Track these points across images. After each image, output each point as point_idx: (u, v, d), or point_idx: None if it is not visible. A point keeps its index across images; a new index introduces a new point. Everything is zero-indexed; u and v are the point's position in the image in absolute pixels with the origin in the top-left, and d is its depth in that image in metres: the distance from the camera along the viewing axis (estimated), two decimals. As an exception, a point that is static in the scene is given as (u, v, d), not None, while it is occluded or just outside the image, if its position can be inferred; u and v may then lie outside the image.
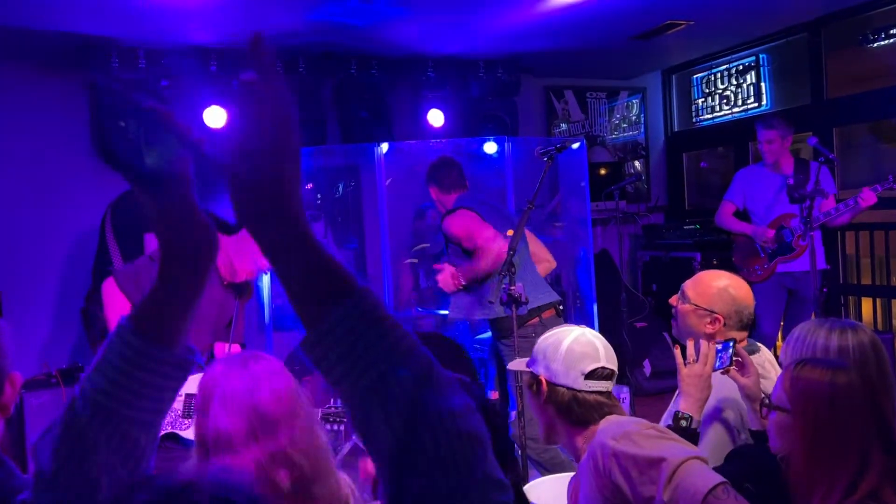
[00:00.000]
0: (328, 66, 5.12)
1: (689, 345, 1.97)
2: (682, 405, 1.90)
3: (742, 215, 4.75)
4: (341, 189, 5.72)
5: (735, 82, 6.04)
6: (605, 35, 5.06)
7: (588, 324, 4.77)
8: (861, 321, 4.69)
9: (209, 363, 2.48)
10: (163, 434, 3.94)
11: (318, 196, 5.58)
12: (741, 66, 5.96)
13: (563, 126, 6.42)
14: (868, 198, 4.03)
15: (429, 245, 5.03)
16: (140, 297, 1.29)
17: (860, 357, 1.77)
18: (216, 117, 4.76)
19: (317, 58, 5.03)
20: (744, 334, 2.18)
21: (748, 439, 2.08)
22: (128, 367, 0.75)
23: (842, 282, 5.20)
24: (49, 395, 4.07)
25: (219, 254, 2.80)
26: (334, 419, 2.51)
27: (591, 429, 1.72)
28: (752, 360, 2.04)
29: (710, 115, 6.36)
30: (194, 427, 1.58)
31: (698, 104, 6.46)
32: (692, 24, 4.94)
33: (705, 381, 1.91)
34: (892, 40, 4.73)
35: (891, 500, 1.42)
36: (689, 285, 2.26)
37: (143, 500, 0.64)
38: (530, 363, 1.86)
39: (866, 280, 5.14)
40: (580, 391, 1.72)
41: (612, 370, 1.76)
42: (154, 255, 2.53)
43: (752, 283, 4.38)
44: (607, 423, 1.70)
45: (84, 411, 0.75)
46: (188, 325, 0.78)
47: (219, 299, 2.88)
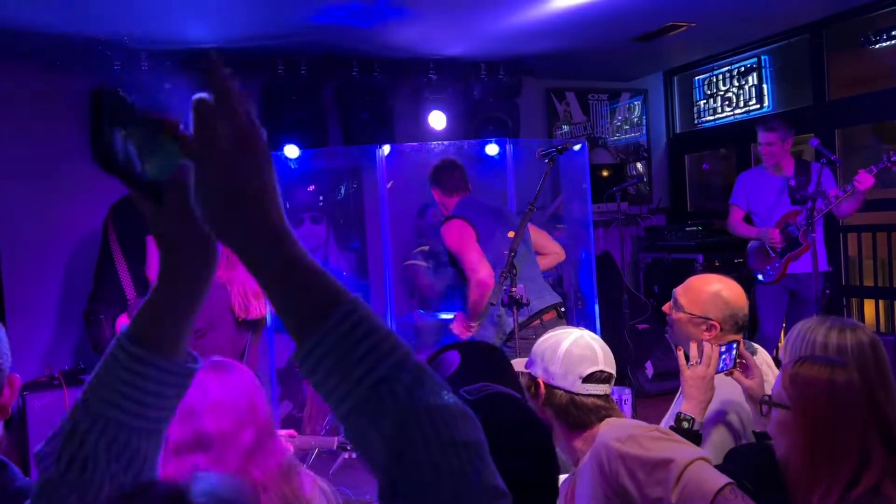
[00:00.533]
0: (330, 68, 5.13)
1: (693, 346, 1.96)
2: (685, 407, 1.89)
3: (746, 218, 4.75)
4: (343, 191, 5.72)
5: (737, 84, 6.04)
6: (607, 36, 5.06)
7: (590, 325, 4.76)
8: (863, 323, 4.69)
9: None
10: None
11: (320, 198, 5.58)
12: (743, 68, 5.96)
13: (565, 128, 6.42)
14: (864, 180, 3.98)
15: (429, 247, 5.03)
16: None
17: (859, 356, 1.77)
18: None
19: (318, 59, 5.04)
20: (740, 336, 2.16)
21: (751, 441, 2.08)
22: (128, 376, 0.74)
23: (844, 283, 5.19)
24: (51, 396, 4.07)
25: (234, 290, 2.77)
26: (351, 447, 2.44)
27: (589, 431, 1.72)
28: None
29: (711, 117, 6.35)
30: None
31: (700, 106, 6.46)
32: (694, 25, 4.94)
33: (708, 383, 1.91)
34: (893, 42, 4.73)
35: (892, 494, 1.42)
36: (680, 293, 2.22)
37: None
38: (528, 364, 1.84)
39: (869, 282, 5.13)
40: (578, 394, 1.72)
41: (610, 373, 1.76)
42: None
43: (767, 285, 4.40)
44: (609, 425, 1.70)
45: (85, 419, 0.75)
46: (189, 332, 0.78)
47: (231, 335, 2.90)
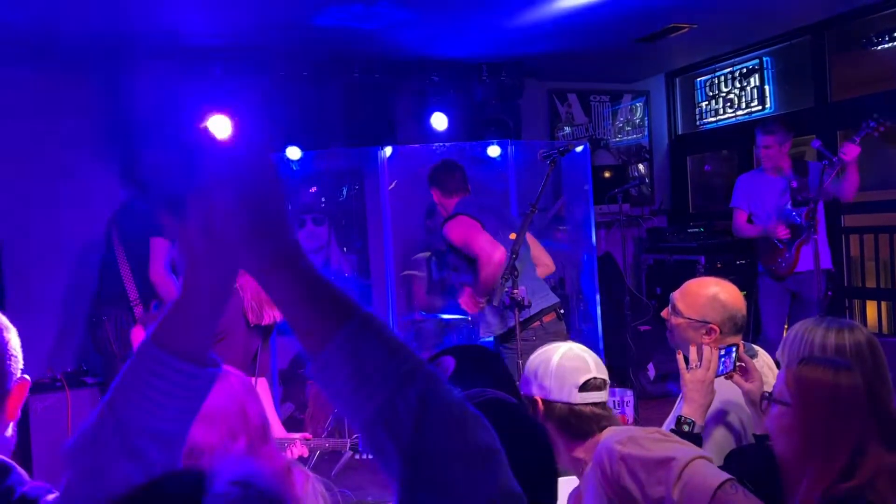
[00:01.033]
0: (332, 70, 5.14)
1: (692, 350, 1.97)
2: (685, 410, 1.90)
3: (748, 220, 4.73)
4: (345, 192, 5.73)
5: (739, 85, 6.04)
6: (609, 38, 5.07)
7: (592, 327, 4.77)
8: (866, 325, 4.68)
9: None
10: None
11: (322, 199, 5.59)
12: (745, 69, 5.96)
13: (567, 129, 6.42)
14: (849, 150, 4.00)
15: (430, 254, 5.03)
16: None
17: (857, 356, 1.77)
18: (220, 126, 4.78)
19: (321, 62, 5.05)
20: (739, 338, 2.16)
21: (752, 443, 2.08)
22: (153, 380, 0.75)
23: (846, 285, 5.18)
24: (54, 398, 4.07)
25: (247, 296, 2.77)
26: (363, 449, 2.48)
27: (591, 441, 1.73)
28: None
29: (713, 119, 6.35)
30: None
31: (702, 107, 6.46)
32: (695, 27, 4.94)
33: (708, 386, 1.91)
34: (895, 43, 4.73)
35: (885, 491, 1.43)
36: (678, 297, 2.22)
37: (170, 491, 0.64)
38: (522, 387, 1.84)
39: (871, 283, 5.12)
40: (576, 404, 1.73)
41: (603, 380, 1.78)
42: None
43: (782, 278, 4.37)
44: (610, 431, 1.72)
45: (108, 422, 0.76)
46: (211, 339, 0.79)
47: (244, 340, 2.92)
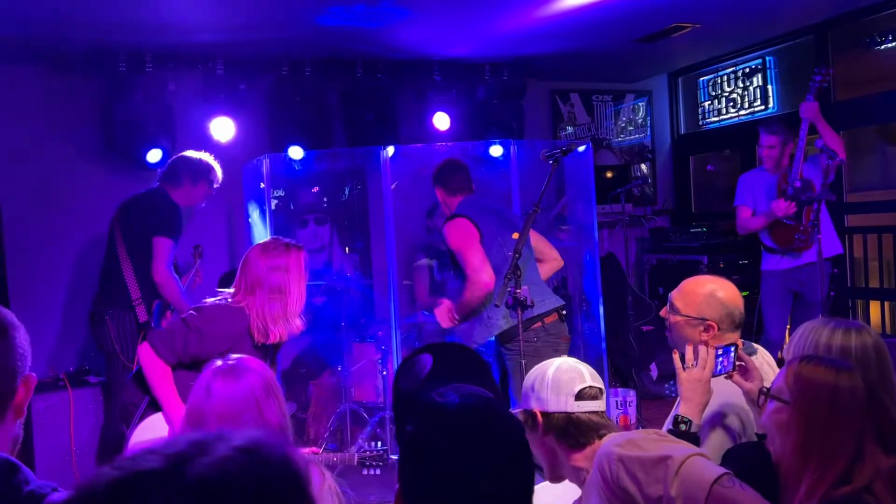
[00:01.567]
0: (334, 70, 5.14)
1: (688, 349, 1.97)
2: (682, 409, 1.90)
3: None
4: (347, 192, 5.73)
5: (741, 85, 6.03)
6: (611, 38, 5.06)
7: (594, 327, 4.76)
8: (869, 325, 4.66)
9: None
10: None
11: (325, 199, 5.59)
12: (748, 69, 5.95)
13: (569, 129, 6.41)
14: (807, 109, 4.25)
15: (431, 262, 5.03)
16: (175, 359, 1.52)
17: (862, 358, 1.76)
18: (223, 128, 4.78)
19: (323, 61, 5.05)
20: (737, 335, 2.17)
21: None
22: None
23: (850, 285, 5.17)
24: (56, 397, 4.08)
25: (252, 315, 2.77)
26: (370, 463, 2.61)
27: (590, 448, 1.75)
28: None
29: (716, 118, 6.34)
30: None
31: (704, 107, 6.45)
32: (698, 26, 4.93)
33: (704, 386, 1.91)
34: (899, 43, 4.72)
35: (884, 495, 1.42)
36: (675, 296, 2.24)
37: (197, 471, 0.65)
38: (522, 403, 1.88)
39: (874, 283, 5.11)
40: (574, 413, 1.76)
41: (599, 388, 1.80)
42: (188, 319, 2.59)
43: (800, 251, 4.33)
44: (610, 437, 1.74)
45: None
46: None
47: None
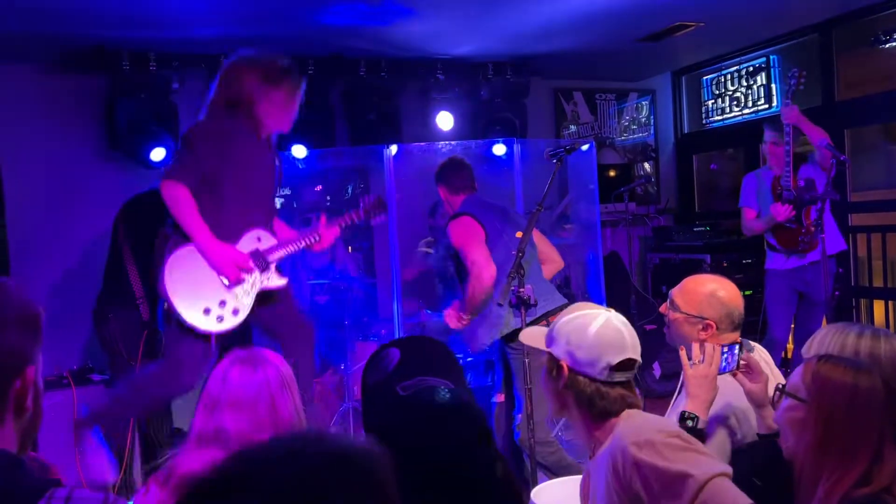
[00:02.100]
0: (337, 69, 5.14)
1: (695, 346, 1.97)
2: (689, 405, 1.90)
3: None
4: (350, 191, 5.73)
5: (745, 84, 6.01)
6: (615, 36, 5.05)
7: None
8: (873, 324, 4.65)
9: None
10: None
11: (328, 198, 5.59)
12: (751, 68, 5.94)
13: (573, 128, 6.41)
14: (789, 113, 4.26)
15: (434, 240, 5.02)
16: (194, 175, 2.88)
17: (892, 363, 1.75)
18: None
19: (326, 60, 5.05)
20: (736, 335, 2.17)
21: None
22: None
23: (853, 284, 5.16)
24: (60, 395, 4.08)
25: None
26: (375, 213, 3.33)
27: (610, 421, 1.66)
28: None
29: (720, 117, 6.33)
30: (197, 422, 1.74)
31: (708, 106, 6.44)
32: (702, 25, 4.92)
33: (711, 382, 1.92)
34: (904, 41, 4.71)
35: None
36: (676, 293, 2.24)
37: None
38: (550, 343, 1.74)
39: (878, 282, 5.10)
40: (605, 383, 1.64)
41: (636, 360, 1.69)
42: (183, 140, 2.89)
43: (804, 253, 4.33)
44: (628, 422, 1.63)
45: None
46: None
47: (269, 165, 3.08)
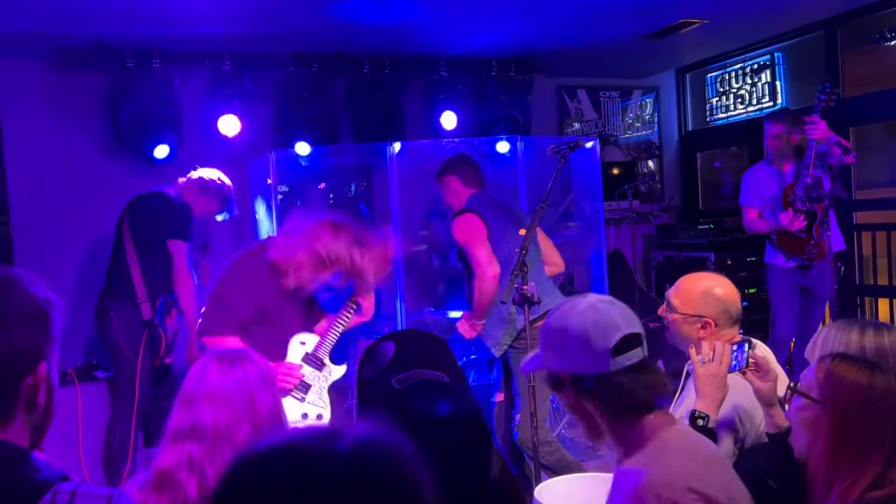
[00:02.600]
0: (341, 66, 5.13)
1: (704, 344, 1.97)
2: (700, 404, 1.90)
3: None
4: (353, 188, 5.72)
5: (750, 81, 5.99)
6: (619, 33, 5.04)
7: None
8: (877, 322, 4.62)
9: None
10: None
11: (331, 195, 5.59)
12: (756, 65, 5.92)
13: (576, 125, 6.39)
14: (817, 129, 4.01)
15: (425, 248, 5.04)
16: (233, 325, 2.71)
17: None
18: (230, 124, 4.78)
19: (330, 57, 5.04)
20: (735, 330, 2.17)
21: (755, 441, 2.07)
22: None
23: (858, 282, 5.14)
24: (64, 392, 4.09)
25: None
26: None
27: (641, 421, 1.50)
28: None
29: (724, 115, 6.31)
30: (175, 417, 1.79)
31: (712, 103, 6.42)
32: (707, 22, 4.90)
33: (721, 381, 1.91)
34: (909, 38, 4.68)
35: None
36: (672, 294, 2.25)
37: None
38: (541, 360, 1.61)
39: (883, 280, 5.08)
40: (613, 374, 1.48)
41: (637, 333, 1.53)
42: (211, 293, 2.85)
43: (812, 263, 4.30)
44: (660, 456, 1.45)
45: None
46: None
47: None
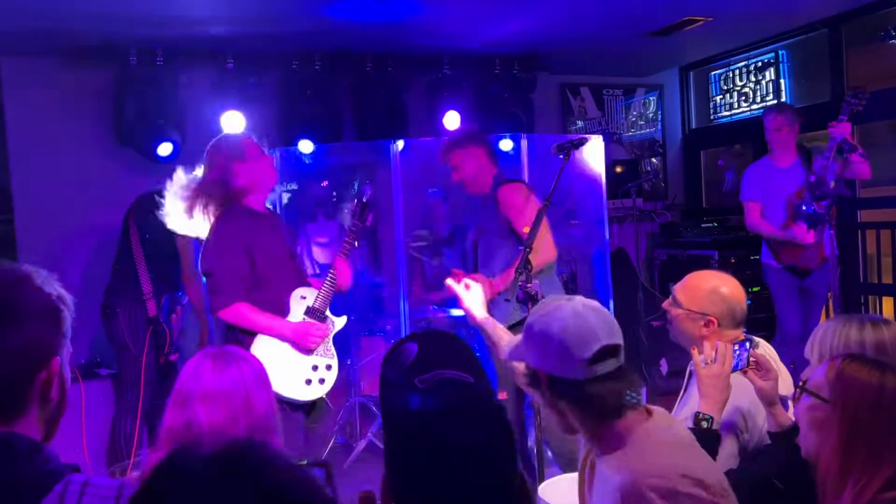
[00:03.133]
0: (344, 64, 5.13)
1: (706, 345, 1.96)
2: (703, 406, 1.89)
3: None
4: (357, 186, 5.72)
5: (754, 79, 5.98)
6: (623, 31, 5.03)
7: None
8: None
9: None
10: None
11: (334, 193, 5.59)
12: (760, 63, 5.90)
13: (580, 123, 6.39)
14: (841, 129, 3.89)
15: (427, 233, 5.02)
16: (243, 288, 2.80)
17: None
18: (233, 122, 4.78)
19: (333, 55, 5.04)
20: (739, 331, 2.15)
21: (759, 441, 2.06)
22: None
23: (862, 280, 5.13)
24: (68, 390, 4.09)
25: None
26: None
27: (615, 425, 1.52)
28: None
29: (728, 113, 6.30)
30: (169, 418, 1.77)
31: (716, 101, 6.41)
32: (711, 20, 4.89)
33: (724, 382, 1.90)
34: (914, 36, 4.67)
35: None
36: (678, 289, 2.23)
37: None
38: (521, 353, 1.63)
39: (887, 279, 5.07)
40: (588, 381, 1.50)
41: (615, 344, 1.52)
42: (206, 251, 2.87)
43: (811, 270, 4.27)
44: (643, 448, 1.48)
45: None
46: None
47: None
